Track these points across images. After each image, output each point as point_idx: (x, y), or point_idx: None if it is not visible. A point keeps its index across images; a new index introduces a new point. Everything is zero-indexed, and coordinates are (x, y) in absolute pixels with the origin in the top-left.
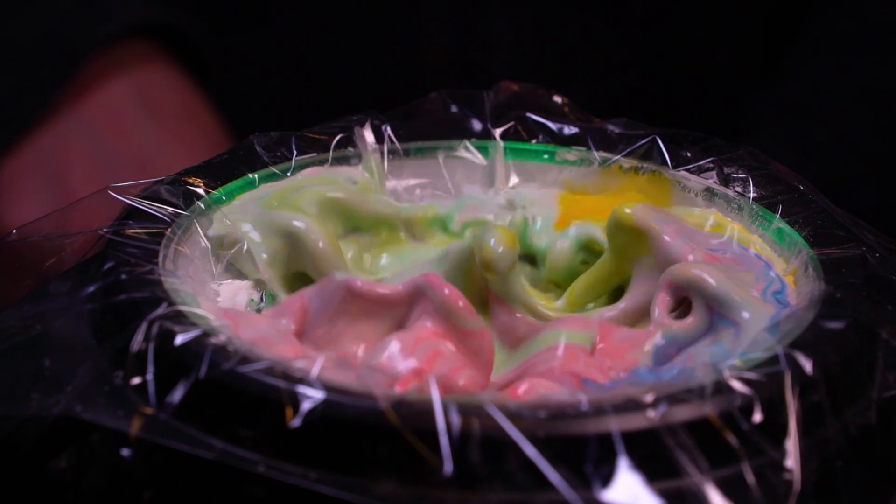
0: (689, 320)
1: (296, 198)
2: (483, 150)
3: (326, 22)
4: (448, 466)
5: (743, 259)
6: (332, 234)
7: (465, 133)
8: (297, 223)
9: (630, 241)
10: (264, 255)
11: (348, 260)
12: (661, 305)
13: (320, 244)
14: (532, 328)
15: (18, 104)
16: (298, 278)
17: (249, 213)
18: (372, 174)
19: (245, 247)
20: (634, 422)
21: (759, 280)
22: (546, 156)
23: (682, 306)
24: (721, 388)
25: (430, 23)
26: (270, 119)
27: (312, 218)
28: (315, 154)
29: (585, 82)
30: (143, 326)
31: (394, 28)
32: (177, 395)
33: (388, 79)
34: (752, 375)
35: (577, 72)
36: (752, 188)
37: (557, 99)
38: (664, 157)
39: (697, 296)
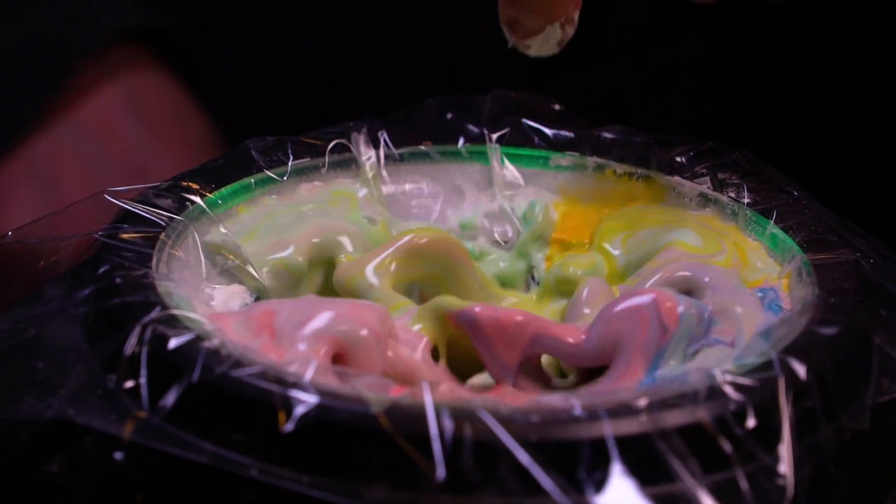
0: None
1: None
2: (479, 155)
3: (316, 26)
4: (440, 471)
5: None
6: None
7: (462, 138)
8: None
9: None
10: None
11: None
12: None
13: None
14: None
15: (10, 111)
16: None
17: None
18: (370, 186)
19: (243, 259)
20: (628, 427)
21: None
22: (540, 161)
23: None
24: (714, 393)
25: (410, 28)
26: (262, 124)
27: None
28: (310, 159)
29: (562, 87)
30: (137, 330)
31: (381, 35)
32: (170, 398)
33: (379, 85)
34: (745, 381)
35: (553, 77)
36: (745, 194)
37: (555, 107)
38: (658, 163)
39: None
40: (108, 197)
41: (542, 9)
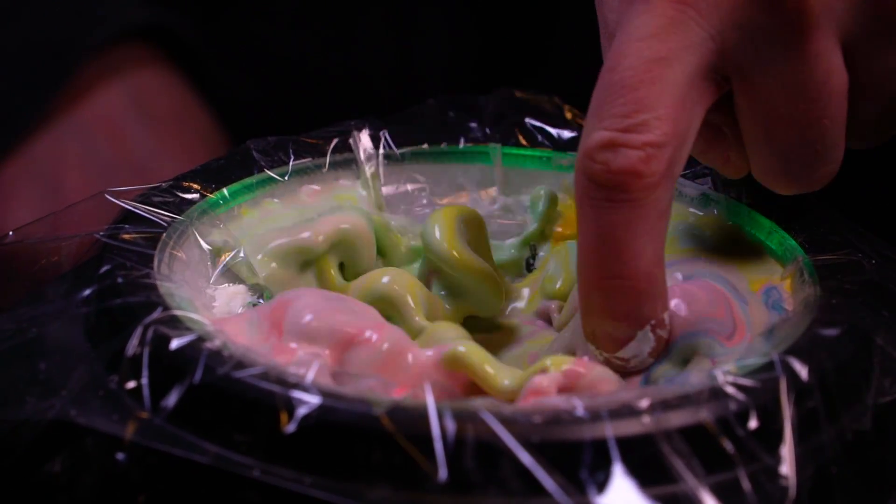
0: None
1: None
2: (482, 156)
3: (322, 24)
4: (443, 472)
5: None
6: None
7: (464, 138)
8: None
9: None
10: (273, 266)
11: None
12: None
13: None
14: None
15: (13, 110)
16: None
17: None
18: (369, 186)
19: (242, 254)
20: (630, 427)
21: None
22: (543, 160)
23: None
24: (716, 393)
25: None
26: (266, 122)
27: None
28: (311, 159)
29: (565, 85)
30: (139, 331)
31: (387, 34)
32: (171, 399)
33: (382, 85)
34: (747, 381)
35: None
36: (747, 194)
37: (557, 104)
38: None
39: None
40: (109, 197)
41: (625, 313)
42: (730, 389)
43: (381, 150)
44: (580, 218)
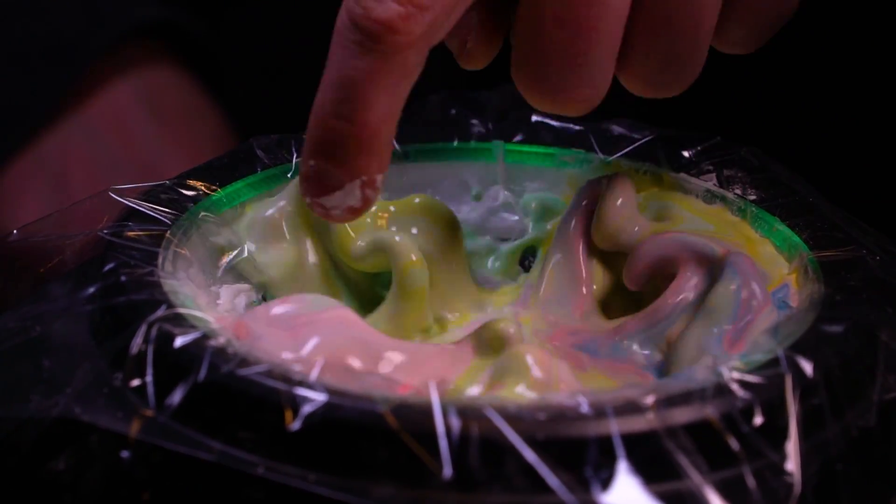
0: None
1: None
2: (485, 153)
3: (329, 20)
4: (447, 470)
5: None
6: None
7: (466, 135)
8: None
9: None
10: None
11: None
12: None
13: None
14: None
15: (21, 107)
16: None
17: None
18: None
19: (245, 252)
20: (634, 424)
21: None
22: (547, 157)
23: None
24: (721, 390)
25: None
26: (276, 120)
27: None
28: None
29: None
30: (143, 328)
31: None
32: (176, 397)
33: None
34: (752, 378)
35: None
36: (751, 190)
37: None
38: (666, 159)
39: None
40: (112, 195)
41: (345, 161)
42: (734, 386)
43: None
44: (331, 54)
